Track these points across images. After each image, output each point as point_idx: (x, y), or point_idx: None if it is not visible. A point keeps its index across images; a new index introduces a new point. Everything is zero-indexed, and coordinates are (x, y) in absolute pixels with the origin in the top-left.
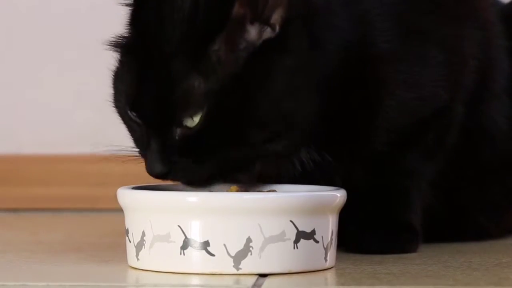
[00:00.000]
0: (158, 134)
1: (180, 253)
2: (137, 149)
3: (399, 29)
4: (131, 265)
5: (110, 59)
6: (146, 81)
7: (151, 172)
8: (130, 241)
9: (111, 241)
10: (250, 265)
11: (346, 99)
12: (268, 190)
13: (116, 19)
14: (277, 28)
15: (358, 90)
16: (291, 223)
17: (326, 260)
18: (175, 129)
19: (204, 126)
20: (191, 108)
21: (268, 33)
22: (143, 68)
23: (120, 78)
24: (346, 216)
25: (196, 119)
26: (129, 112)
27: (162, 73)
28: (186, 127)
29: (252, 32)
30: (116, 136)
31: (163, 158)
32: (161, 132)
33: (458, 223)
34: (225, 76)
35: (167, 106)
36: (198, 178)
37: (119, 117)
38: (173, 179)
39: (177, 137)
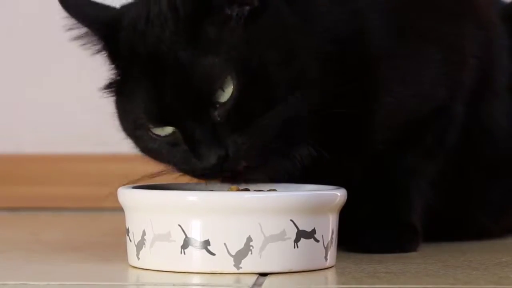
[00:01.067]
0: (198, 125)
1: (181, 252)
2: (184, 167)
3: (395, 27)
4: (131, 264)
5: None
6: (162, 89)
7: (208, 162)
8: (130, 241)
9: (112, 241)
10: (251, 264)
11: (343, 93)
12: (268, 189)
13: None
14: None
15: (355, 85)
16: (291, 222)
17: (326, 259)
18: (213, 111)
19: (238, 92)
20: (218, 82)
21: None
22: (152, 82)
23: (128, 113)
24: (346, 215)
25: (228, 90)
26: (155, 132)
27: (174, 72)
28: (222, 103)
29: (234, 10)
30: (116, 136)
31: (214, 143)
32: (201, 122)
33: (458, 222)
34: (232, 43)
35: (195, 95)
36: (257, 148)
37: (150, 156)
38: (233, 165)
39: (218, 118)
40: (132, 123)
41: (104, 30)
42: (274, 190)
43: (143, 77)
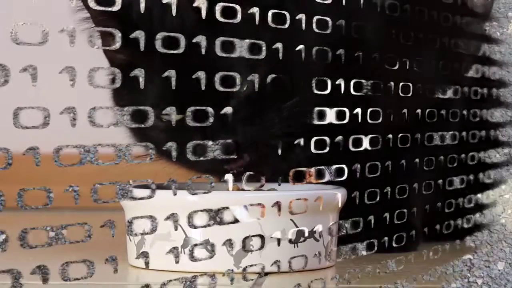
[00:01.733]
0: (212, 112)
1: (181, 252)
2: (188, 156)
3: (388, 26)
4: (131, 264)
5: None
6: (178, 73)
7: (218, 149)
8: (130, 240)
9: (112, 240)
10: (251, 264)
11: (337, 93)
12: (268, 189)
13: None
14: None
15: (349, 84)
16: (291, 222)
17: (326, 259)
18: (229, 99)
19: (256, 82)
20: (237, 70)
21: None
22: (169, 66)
23: (135, 99)
24: (346, 215)
25: (246, 79)
26: (164, 117)
27: (192, 57)
28: (239, 92)
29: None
30: (115, 136)
31: (227, 131)
32: (215, 109)
33: (458, 222)
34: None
35: (212, 81)
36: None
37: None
38: (241, 155)
39: (233, 106)
40: (136, 111)
41: (116, 12)
42: (274, 190)
43: (158, 61)
